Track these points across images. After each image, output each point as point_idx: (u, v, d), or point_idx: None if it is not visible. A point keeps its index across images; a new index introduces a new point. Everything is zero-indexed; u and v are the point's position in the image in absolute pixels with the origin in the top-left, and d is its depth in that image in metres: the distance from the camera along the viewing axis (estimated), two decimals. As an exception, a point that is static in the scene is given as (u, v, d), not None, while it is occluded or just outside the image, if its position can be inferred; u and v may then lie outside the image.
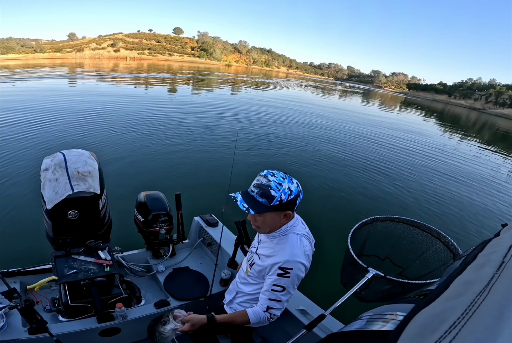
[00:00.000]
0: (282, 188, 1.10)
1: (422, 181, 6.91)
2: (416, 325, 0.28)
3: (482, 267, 0.36)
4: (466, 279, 0.35)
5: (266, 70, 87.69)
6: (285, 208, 1.15)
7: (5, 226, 3.17)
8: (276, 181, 1.10)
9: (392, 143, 10.44)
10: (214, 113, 11.16)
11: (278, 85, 33.96)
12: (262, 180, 1.12)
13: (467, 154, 11.46)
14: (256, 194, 1.12)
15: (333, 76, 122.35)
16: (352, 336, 0.44)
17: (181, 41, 76.95)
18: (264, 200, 1.11)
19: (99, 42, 61.04)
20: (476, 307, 0.26)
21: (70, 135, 6.43)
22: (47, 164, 1.62)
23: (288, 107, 15.46)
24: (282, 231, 1.22)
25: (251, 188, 1.14)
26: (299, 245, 1.19)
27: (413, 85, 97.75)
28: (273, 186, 1.09)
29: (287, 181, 1.12)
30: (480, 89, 72.57)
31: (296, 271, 1.15)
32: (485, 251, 0.44)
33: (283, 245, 1.19)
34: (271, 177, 1.11)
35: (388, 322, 0.38)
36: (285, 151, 7.53)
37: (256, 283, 1.31)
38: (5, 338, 1.41)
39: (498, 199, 6.60)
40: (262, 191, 1.10)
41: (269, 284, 1.17)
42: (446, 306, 0.30)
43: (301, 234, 1.23)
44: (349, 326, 0.49)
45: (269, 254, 1.22)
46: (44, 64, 30.14)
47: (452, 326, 0.25)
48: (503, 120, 43.34)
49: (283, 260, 1.14)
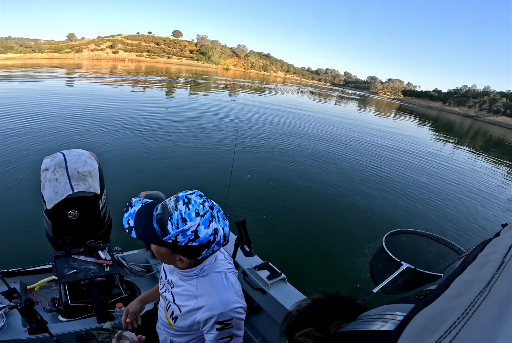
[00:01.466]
0: (183, 228, 0.77)
1: (420, 182, 6.91)
2: (416, 325, 0.28)
3: (482, 267, 0.36)
4: (466, 279, 0.35)
5: (263, 75, 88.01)
6: (181, 252, 0.84)
7: (5, 226, 3.17)
8: (184, 214, 0.77)
9: (390, 146, 10.46)
10: (214, 114, 11.16)
11: (280, 91, 33.97)
12: (170, 203, 0.80)
13: (463, 158, 11.54)
14: (156, 216, 0.81)
15: (330, 82, 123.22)
16: (351, 336, 0.44)
17: (180, 44, 77.08)
18: (158, 228, 0.81)
19: (98, 43, 60.93)
20: (476, 307, 0.26)
21: (70, 135, 6.43)
22: (47, 164, 1.62)
23: (293, 114, 15.47)
24: (197, 271, 0.92)
25: (158, 206, 0.84)
26: (227, 286, 0.93)
27: (409, 91, 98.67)
28: (174, 220, 0.77)
29: (201, 221, 0.78)
30: (474, 97, 73.01)
31: (236, 319, 0.91)
32: (485, 251, 0.44)
33: (207, 290, 0.91)
34: (182, 206, 0.79)
35: (388, 322, 0.38)
36: (289, 155, 7.54)
37: (190, 334, 1.03)
38: (5, 338, 1.41)
39: (497, 199, 6.60)
40: (162, 217, 0.80)
41: (213, 340, 0.93)
42: (446, 306, 0.30)
43: (224, 271, 0.95)
44: (348, 326, 0.49)
45: (193, 306, 0.91)
46: (42, 64, 30.12)
47: (452, 326, 0.25)
48: (497, 128, 43.45)
49: (217, 314, 0.88)
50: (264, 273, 1.86)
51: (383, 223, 4.50)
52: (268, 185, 5.29)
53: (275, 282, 1.78)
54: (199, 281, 0.93)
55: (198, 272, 0.92)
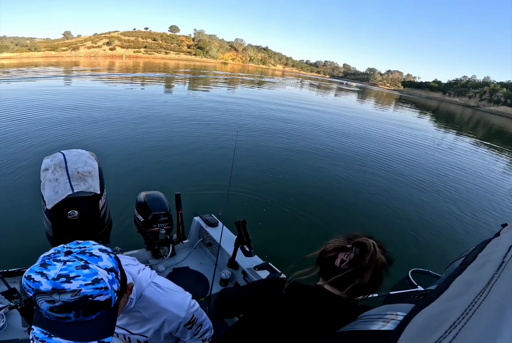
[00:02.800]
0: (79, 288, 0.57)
1: (418, 180, 6.91)
2: (416, 325, 0.28)
3: (482, 267, 0.36)
4: (466, 279, 0.35)
5: (262, 68, 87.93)
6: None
7: (5, 226, 3.17)
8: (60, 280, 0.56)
9: (391, 137, 10.46)
10: (214, 113, 11.16)
11: (285, 84, 33.92)
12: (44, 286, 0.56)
13: (465, 154, 11.48)
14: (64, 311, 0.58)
15: (329, 74, 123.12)
16: (352, 336, 0.44)
17: (177, 39, 76.93)
18: (82, 311, 0.60)
19: (94, 40, 60.80)
20: (476, 307, 0.26)
21: (70, 135, 6.43)
22: (47, 164, 1.62)
23: (300, 107, 15.47)
24: (130, 304, 0.82)
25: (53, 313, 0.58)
26: (166, 292, 0.90)
27: (408, 82, 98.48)
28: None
29: None
30: (474, 87, 73.22)
31: (196, 311, 0.94)
32: (485, 251, 0.44)
33: (154, 307, 0.87)
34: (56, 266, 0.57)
35: (388, 322, 0.38)
36: (288, 153, 7.54)
37: (167, 340, 0.99)
38: (5, 338, 1.41)
39: (497, 199, 6.60)
40: (68, 301, 0.57)
41: (190, 337, 0.98)
42: (446, 306, 0.30)
43: (149, 281, 0.90)
44: (349, 326, 0.49)
45: (156, 327, 0.88)
46: (39, 62, 30.00)
47: (452, 326, 0.25)
48: (498, 118, 43.46)
49: (181, 319, 0.89)
50: (264, 273, 1.86)
51: (383, 224, 4.50)
52: (268, 185, 5.30)
53: (275, 282, 1.78)
54: (140, 306, 0.86)
55: (132, 303, 0.83)
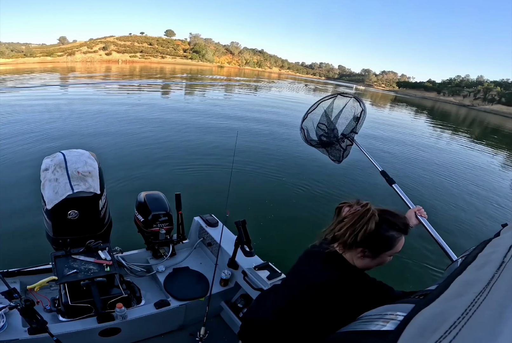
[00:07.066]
0: None
1: (418, 180, 6.91)
2: (416, 325, 0.28)
3: (482, 267, 0.36)
4: (466, 279, 0.35)
5: (258, 71, 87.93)
6: None
7: (5, 226, 3.17)
8: None
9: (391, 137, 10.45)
10: (214, 114, 11.16)
11: (286, 87, 33.92)
12: None
13: (464, 153, 11.46)
14: None
15: (325, 76, 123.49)
16: (352, 336, 0.44)
17: (173, 43, 76.98)
18: None
19: (90, 45, 60.64)
20: (476, 307, 0.26)
21: (70, 135, 6.44)
22: (47, 164, 1.62)
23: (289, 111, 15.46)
24: None
25: None
26: None
27: (403, 83, 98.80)
28: None
29: None
30: (468, 86, 73.53)
31: None
32: (485, 251, 0.44)
33: None
34: None
35: (388, 322, 0.38)
36: (288, 153, 7.54)
37: None
38: (5, 338, 1.41)
39: (497, 199, 6.60)
40: None
41: None
42: (446, 306, 0.30)
43: None
44: (350, 326, 0.49)
45: None
46: (35, 68, 29.84)
47: (452, 326, 0.25)
48: (493, 116, 43.54)
49: None
50: (264, 273, 1.86)
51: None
52: (268, 185, 5.29)
53: (275, 282, 1.78)
54: None
55: None
